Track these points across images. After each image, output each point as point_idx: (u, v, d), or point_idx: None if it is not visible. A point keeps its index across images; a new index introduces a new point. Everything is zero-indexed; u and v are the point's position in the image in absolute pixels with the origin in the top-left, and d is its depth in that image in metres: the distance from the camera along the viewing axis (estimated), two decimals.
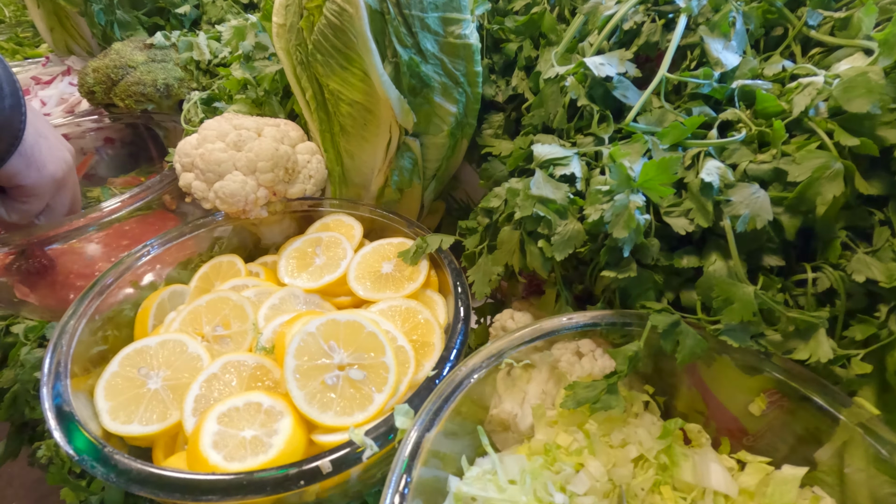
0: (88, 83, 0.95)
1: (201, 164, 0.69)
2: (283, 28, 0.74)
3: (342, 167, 0.76)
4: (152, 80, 0.94)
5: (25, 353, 0.72)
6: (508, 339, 0.51)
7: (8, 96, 0.57)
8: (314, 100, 0.73)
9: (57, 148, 0.69)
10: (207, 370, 0.53)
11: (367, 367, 0.52)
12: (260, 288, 0.66)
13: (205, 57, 0.98)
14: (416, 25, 0.59)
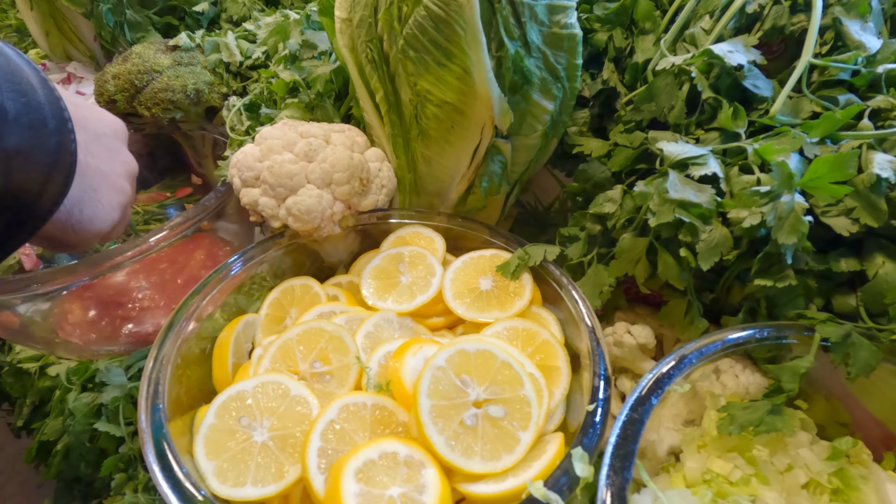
0: (109, 91, 0.85)
1: (270, 178, 0.61)
2: (348, 23, 0.66)
3: (415, 174, 0.70)
4: (181, 85, 0.85)
5: (74, 401, 0.64)
6: (669, 364, 0.46)
7: (54, 132, 0.42)
8: (385, 101, 0.66)
9: (110, 192, 0.53)
10: (324, 416, 0.46)
11: (506, 403, 0.47)
12: (349, 314, 0.59)
13: (235, 58, 0.90)
14: (526, 14, 0.53)
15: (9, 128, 0.38)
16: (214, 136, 0.94)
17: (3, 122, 0.38)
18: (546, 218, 0.84)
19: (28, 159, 0.40)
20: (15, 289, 0.59)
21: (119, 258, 0.64)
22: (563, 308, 0.60)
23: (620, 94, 0.69)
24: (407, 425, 0.48)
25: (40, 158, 0.41)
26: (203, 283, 0.58)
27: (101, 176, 0.52)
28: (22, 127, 0.39)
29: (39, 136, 0.41)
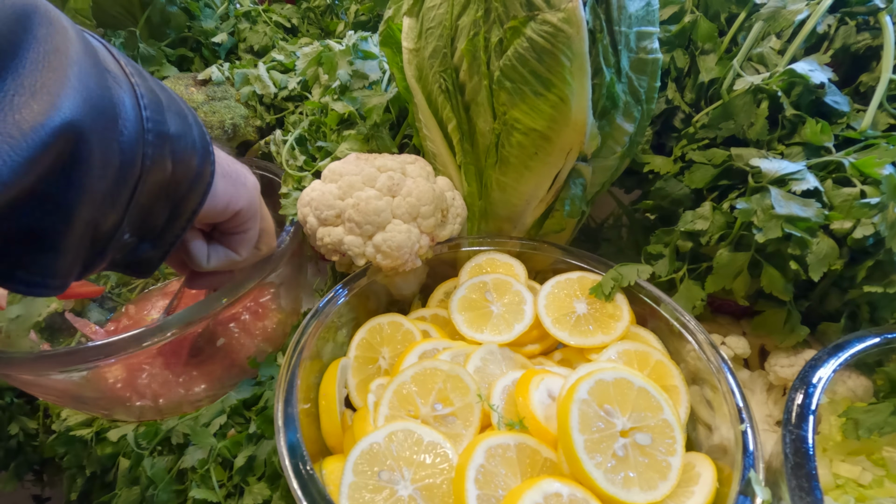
0: None
1: (356, 215, 0.60)
2: (415, 54, 0.66)
3: (487, 201, 0.69)
4: (219, 121, 0.82)
5: (152, 467, 0.59)
6: (816, 377, 0.47)
7: (199, 150, 0.44)
8: (458, 130, 0.66)
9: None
10: (472, 462, 0.44)
11: (650, 429, 0.46)
12: (453, 350, 0.58)
13: (269, 90, 0.87)
14: (622, 42, 0.54)
15: (172, 144, 0.41)
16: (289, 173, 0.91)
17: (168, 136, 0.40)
18: (598, 234, 0.86)
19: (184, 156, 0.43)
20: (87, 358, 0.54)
21: (212, 312, 0.59)
22: (660, 325, 0.60)
23: (678, 112, 0.72)
24: (552, 462, 0.47)
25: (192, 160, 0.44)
26: (304, 328, 0.55)
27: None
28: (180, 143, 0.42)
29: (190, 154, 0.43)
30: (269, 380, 0.68)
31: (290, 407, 0.46)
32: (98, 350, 0.54)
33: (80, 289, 0.79)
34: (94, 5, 0.91)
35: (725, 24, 0.67)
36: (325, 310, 0.58)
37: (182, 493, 0.59)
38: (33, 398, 0.79)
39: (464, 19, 0.59)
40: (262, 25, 1.00)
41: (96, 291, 0.82)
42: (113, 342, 0.53)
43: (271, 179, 0.87)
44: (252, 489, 0.56)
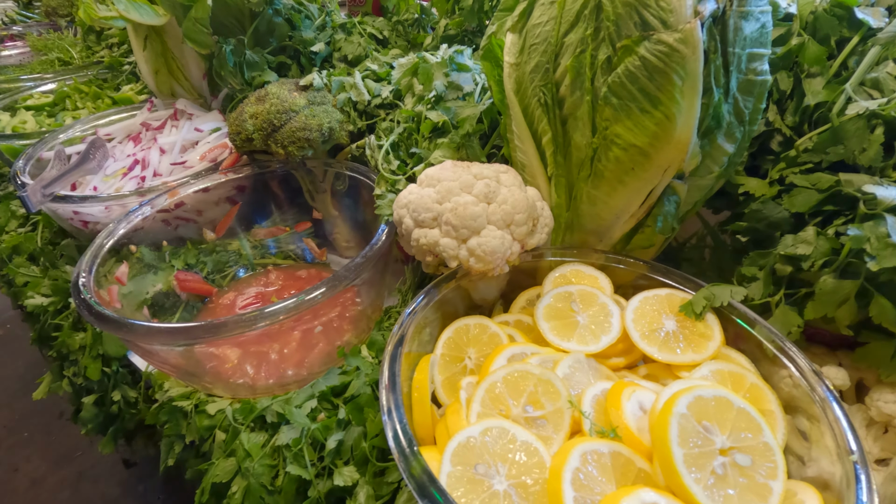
0: (247, 130, 0.88)
1: (454, 219, 0.62)
2: (515, 68, 0.68)
3: (574, 213, 0.71)
4: (317, 124, 0.88)
5: (249, 441, 0.64)
6: None
7: None
8: (552, 143, 0.68)
9: None
10: (569, 464, 0.45)
11: (749, 451, 0.46)
12: (541, 355, 0.59)
13: (363, 97, 0.92)
14: (733, 63, 0.54)
15: None
16: (337, 172, 0.96)
17: None
18: (679, 253, 0.85)
19: None
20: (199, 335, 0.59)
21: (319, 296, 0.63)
22: (751, 349, 0.59)
23: (776, 134, 0.71)
24: (646, 473, 0.47)
25: None
26: (403, 322, 0.58)
27: None
28: None
29: None
30: (354, 370, 0.72)
31: (396, 394, 0.49)
32: (209, 329, 0.58)
33: (194, 284, 0.86)
34: (212, 15, 1.00)
35: (836, 47, 0.66)
36: (420, 307, 0.61)
37: (273, 468, 0.63)
38: (136, 369, 0.86)
39: (571, 37, 0.61)
40: (356, 37, 1.06)
41: (209, 290, 0.89)
42: (223, 323, 0.58)
43: (360, 181, 0.92)
44: (341, 471, 0.59)
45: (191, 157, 0.99)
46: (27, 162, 0.99)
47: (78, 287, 0.64)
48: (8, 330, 3.32)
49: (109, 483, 2.36)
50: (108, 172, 1.00)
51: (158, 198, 0.84)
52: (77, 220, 0.91)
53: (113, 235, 0.76)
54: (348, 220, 1.04)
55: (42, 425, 2.70)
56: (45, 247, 1.00)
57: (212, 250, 0.95)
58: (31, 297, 0.95)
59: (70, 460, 2.53)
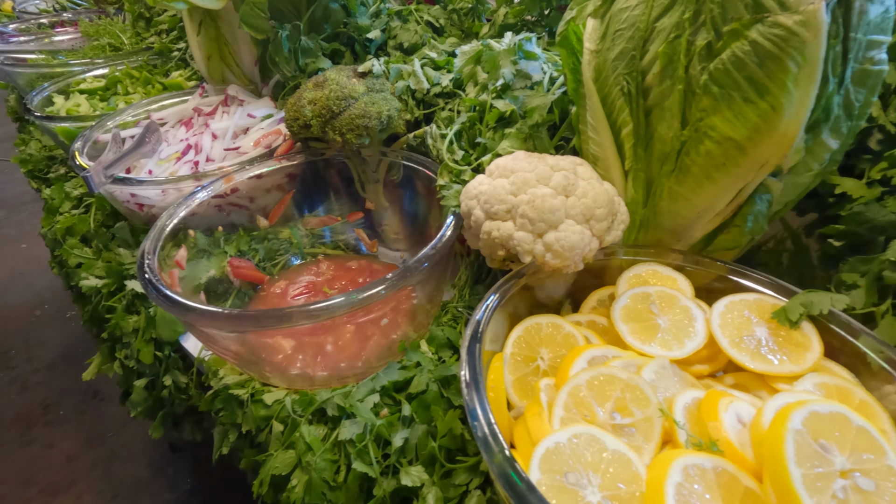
0: (306, 116, 0.86)
1: (531, 212, 0.59)
2: (596, 55, 0.65)
3: (652, 210, 0.67)
4: (377, 112, 0.85)
5: (310, 434, 0.62)
6: None
7: None
8: (633, 135, 0.64)
9: None
10: (670, 478, 0.42)
11: (871, 474, 0.42)
12: (623, 359, 0.56)
13: (422, 86, 0.90)
14: (853, 50, 0.50)
15: None
16: (392, 161, 0.94)
17: None
18: (754, 257, 0.80)
19: None
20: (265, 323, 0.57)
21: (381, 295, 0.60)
22: (854, 362, 0.55)
23: (874, 131, 0.66)
24: (753, 493, 0.43)
25: None
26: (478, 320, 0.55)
27: None
28: None
29: None
30: (414, 365, 0.69)
31: (481, 393, 0.47)
32: (276, 317, 0.56)
33: (248, 272, 0.85)
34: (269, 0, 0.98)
35: None
36: (495, 303, 0.58)
37: (335, 464, 0.61)
38: (187, 354, 0.86)
39: (664, 21, 0.58)
40: (412, 24, 1.04)
41: (261, 278, 0.88)
42: (289, 313, 0.56)
43: (416, 171, 0.89)
44: (408, 471, 0.57)
45: (244, 143, 0.98)
46: (85, 144, 0.99)
47: (144, 268, 0.63)
48: (46, 311, 3.42)
49: (140, 464, 2.41)
50: (162, 156, 1.00)
51: (215, 183, 0.83)
52: (133, 202, 0.91)
53: (174, 218, 0.76)
54: (399, 212, 1.02)
55: (77, 404, 2.77)
56: (99, 229, 1.01)
57: (263, 237, 0.94)
58: (86, 278, 0.96)
59: (103, 440, 2.59)
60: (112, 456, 2.53)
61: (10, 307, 3.51)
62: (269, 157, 0.93)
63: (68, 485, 2.43)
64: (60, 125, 1.13)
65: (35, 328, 3.30)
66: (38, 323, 3.36)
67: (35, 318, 3.38)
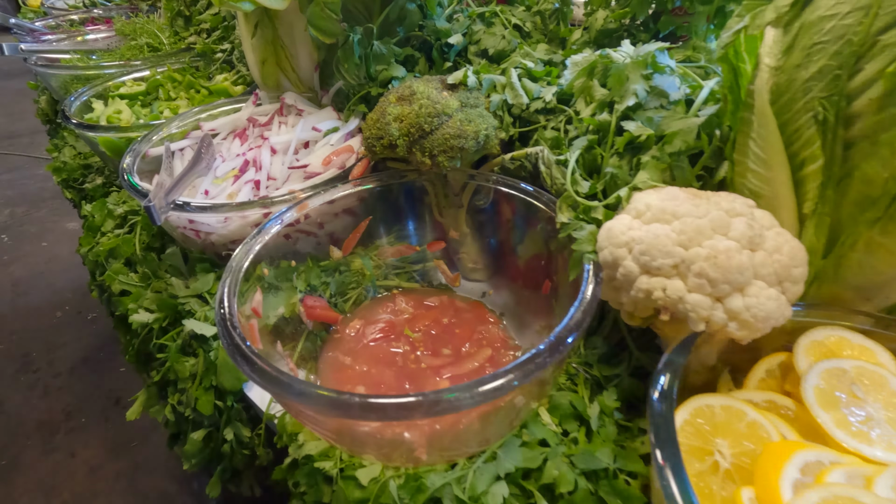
0: (392, 135, 0.75)
1: (712, 271, 0.47)
2: (778, 73, 0.53)
3: (836, 262, 0.55)
4: (473, 131, 0.74)
5: None
6: None
7: None
8: (823, 173, 0.52)
9: None
10: None
11: None
12: (845, 468, 0.44)
13: (521, 100, 0.78)
14: None
15: None
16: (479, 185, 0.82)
17: None
18: None
19: None
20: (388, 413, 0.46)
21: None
22: None
23: None
24: None
25: None
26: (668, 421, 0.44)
27: None
28: None
29: None
30: (536, 442, 0.58)
31: None
32: (398, 408, 0.45)
33: (322, 312, 0.75)
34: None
35: None
36: (670, 388, 0.47)
37: None
38: (252, 405, 0.75)
39: (892, 34, 0.46)
40: (499, 28, 0.92)
41: (335, 318, 0.78)
42: (412, 404, 0.44)
43: (510, 196, 0.78)
44: None
45: (312, 161, 0.87)
46: (134, 159, 0.89)
47: (227, 326, 0.52)
48: (67, 312, 3.36)
49: (165, 477, 2.33)
50: (218, 174, 0.89)
51: (288, 212, 0.73)
52: (189, 228, 0.81)
53: (249, 254, 0.65)
54: (481, 239, 0.91)
55: (99, 411, 2.71)
56: (148, 254, 0.90)
57: (335, 269, 0.83)
58: (135, 310, 0.85)
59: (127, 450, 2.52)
60: (136, 467, 2.46)
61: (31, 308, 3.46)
62: (344, 178, 0.82)
63: (91, 497, 2.36)
64: (103, 135, 1.03)
65: (56, 330, 3.25)
66: (60, 325, 3.30)
67: (56, 320, 3.33)
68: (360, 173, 0.82)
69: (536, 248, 0.82)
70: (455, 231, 0.91)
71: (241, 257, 0.63)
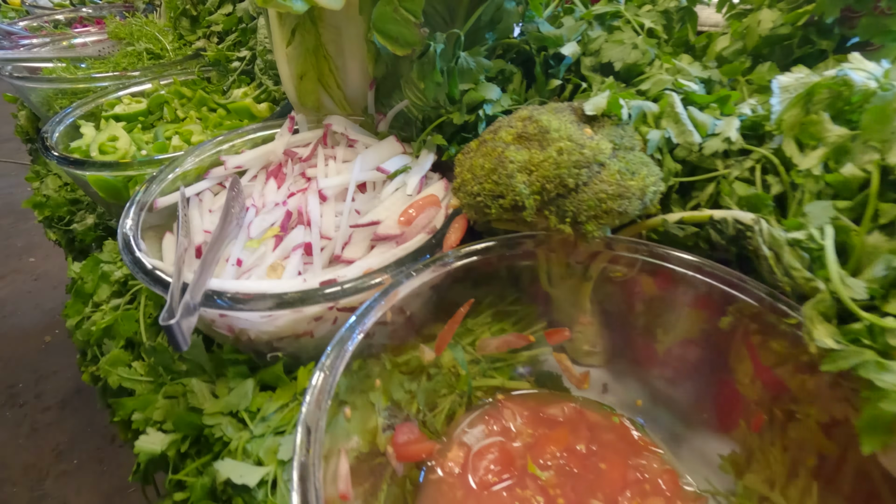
0: (520, 193, 0.51)
1: None
2: None
3: None
4: (639, 188, 0.51)
5: None
6: None
7: None
8: None
9: None
10: None
11: None
12: None
13: (691, 139, 0.55)
14: None
15: None
16: (618, 255, 0.59)
17: None
18: None
19: None
20: None
21: None
22: None
23: None
24: None
25: None
26: None
27: None
28: None
29: None
30: None
31: None
32: None
33: (416, 448, 0.51)
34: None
35: None
36: None
37: None
38: None
39: None
40: (627, 33, 0.68)
41: (430, 451, 0.54)
42: None
43: (657, 268, 0.55)
44: None
45: (383, 217, 0.64)
46: (138, 218, 0.65)
47: None
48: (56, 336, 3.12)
49: None
50: (252, 233, 0.65)
51: (373, 312, 0.49)
52: (222, 323, 0.57)
53: (326, 397, 0.41)
54: (604, 320, 0.68)
55: (93, 451, 2.47)
56: (158, 342, 0.67)
57: (421, 372, 0.60)
58: (142, 425, 0.62)
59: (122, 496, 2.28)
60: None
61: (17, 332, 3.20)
62: (437, 247, 0.58)
63: None
64: (95, 174, 0.79)
65: (44, 357, 2.99)
66: (48, 351, 3.04)
67: (45, 346, 3.07)
68: (455, 243, 0.59)
69: (716, 345, 0.59)
70: (575, 306, 0.68)
71: (322, 397, 0.40)
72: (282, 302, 0.51)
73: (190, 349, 0.65)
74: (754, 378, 0.57)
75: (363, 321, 0.48)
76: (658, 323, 0.65)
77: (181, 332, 0.42)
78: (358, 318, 0.48)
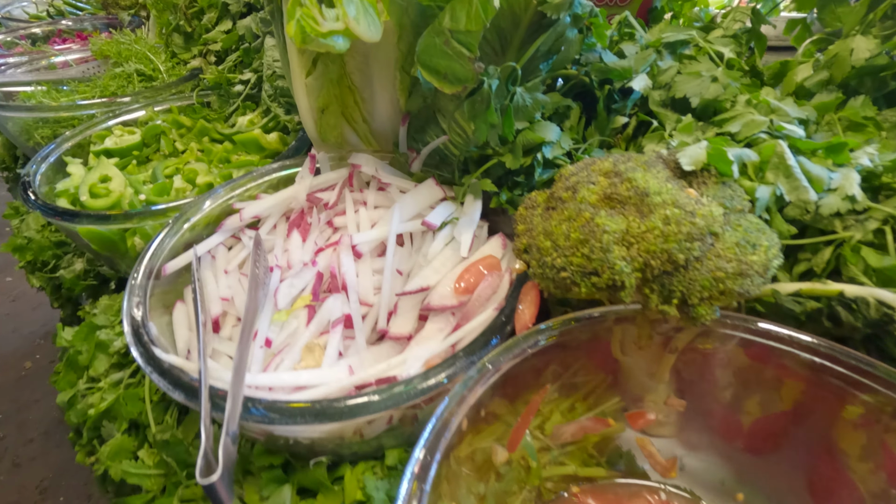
0: (620, 271, 0.42)
1: None
2: None
3: None
4: (762, 264, 0.42)
5: None
6: None
7: None
8: None
9: None
10: None
11: None
12: None
13: (806, 196, 0.47)
14: None
15: None
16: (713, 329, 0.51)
17: None
18: None
19: None
20: None
21: None
22: None
23: None
24: None
25: None
26: None
27: None
28: None
29: None
30: None
31: None
32: None
33: None
34: None
35: None
36: None
37: None
38: None
39: None
40: (704, 63, 0.60)
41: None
42: None
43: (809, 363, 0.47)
44: None
45: (434, 283, 0.54)
46: (145, 289, 0.54)
47: None
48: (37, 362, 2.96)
49: None
50: (280, 303, 0.56)
51: (450, 427, 0.40)
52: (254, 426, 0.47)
53: None
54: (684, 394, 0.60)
55: (80, 486, 2.33)
56: (172, 433, 0.57)
57: (489, 471, 0.51)
58: None
59: None
60: None
61: None
62: (506, 325, 0.49)
63: None
64: (86, 226, 0.68)
65: (25, 385, 2.83)
66: (29, 378, 2.88)
67: (25, 373, 2.91)
68: (533, 319, 0.50)
69: (815, 422, 0.52)
70: (649, 378, 0.59)
71: None
72: (332, 413, 0.41)
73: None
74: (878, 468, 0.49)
75: (438, 442, 0.39)
76: (747, 395, 0.57)
77: (224, 491, 0.32)
78: (433, 438, 0.39)
